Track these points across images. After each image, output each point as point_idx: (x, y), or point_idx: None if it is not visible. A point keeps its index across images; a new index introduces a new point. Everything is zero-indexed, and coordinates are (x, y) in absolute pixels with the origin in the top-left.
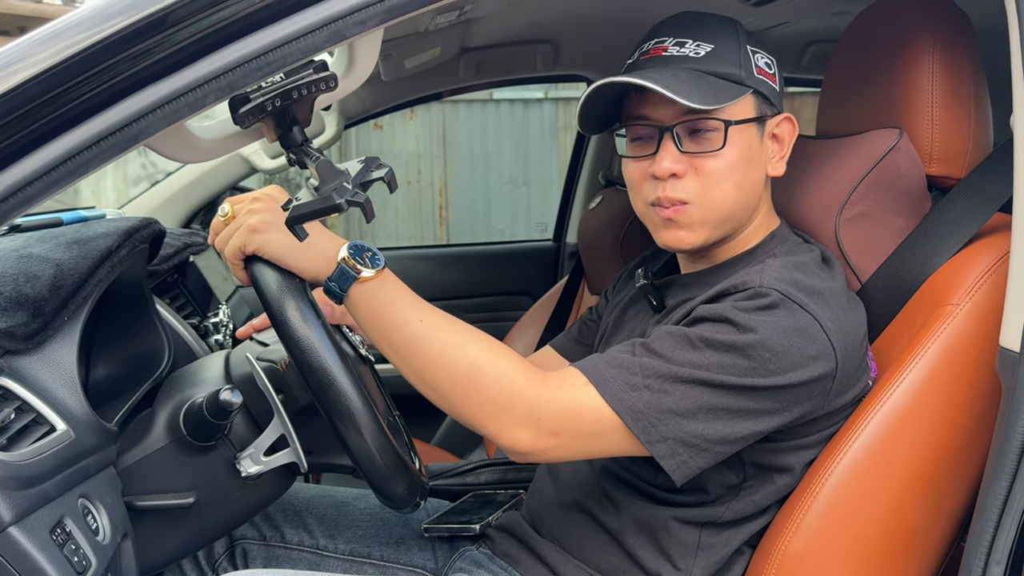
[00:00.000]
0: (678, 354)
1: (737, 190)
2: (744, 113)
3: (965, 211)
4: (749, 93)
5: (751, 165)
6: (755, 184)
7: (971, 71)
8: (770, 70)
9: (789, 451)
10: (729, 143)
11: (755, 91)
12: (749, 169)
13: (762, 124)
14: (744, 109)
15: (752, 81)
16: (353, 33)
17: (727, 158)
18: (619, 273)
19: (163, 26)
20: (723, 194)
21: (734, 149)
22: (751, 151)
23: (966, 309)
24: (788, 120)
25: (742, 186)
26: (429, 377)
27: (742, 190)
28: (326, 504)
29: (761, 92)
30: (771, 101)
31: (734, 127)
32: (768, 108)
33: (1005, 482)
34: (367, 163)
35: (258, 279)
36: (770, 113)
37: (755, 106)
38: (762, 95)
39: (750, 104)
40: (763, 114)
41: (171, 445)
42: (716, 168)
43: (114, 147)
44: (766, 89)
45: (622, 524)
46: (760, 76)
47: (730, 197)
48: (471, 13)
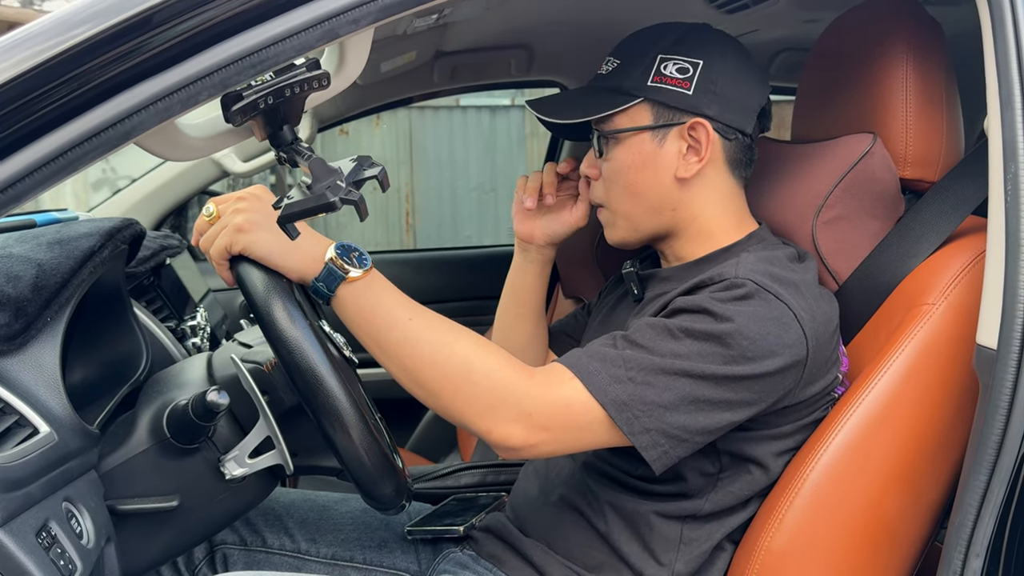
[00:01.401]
0: (659, 345)
1: (629, 193)
2: (633, 121)
3: (939, 213)
4: (639, 102)
5: (645, 170)
6: (653, 187)
7: (943, 77)
8: (684, 75)
9: (761, 440)
10: (613, 150)
11: (647, 99)
12: (643, 173)
13: (663, 129)
14: (634, 117)
15: (642, 91)
16: (346, 32)
17: (614, 163)
18: (614, 276)
19: (156, 22)
20: (616, 195)
21: (620, 155)
22: (643, 156)
23: (942, 308)
24: (701, 124)
25: (635, 190)
26: (419, 376)
27: (635, 193)
28: (307, 508)
29: (657, 100)
30: (676, 107)
31: (618, 135)
32: (674, 114)
33: (984, 476)
34: (359, 162)
35: (244, 279)
36: (677, 119)
37: (650, 113)
38: (660, 103)
39: (643, 112)
40: (663, 121)
41: (154, 448)
42: (608, 172)
43: (105, 144)
44: (665, 96)
45: (606, 520)
46: (657, 84)
47: (624, 199)
48: (449, 17)
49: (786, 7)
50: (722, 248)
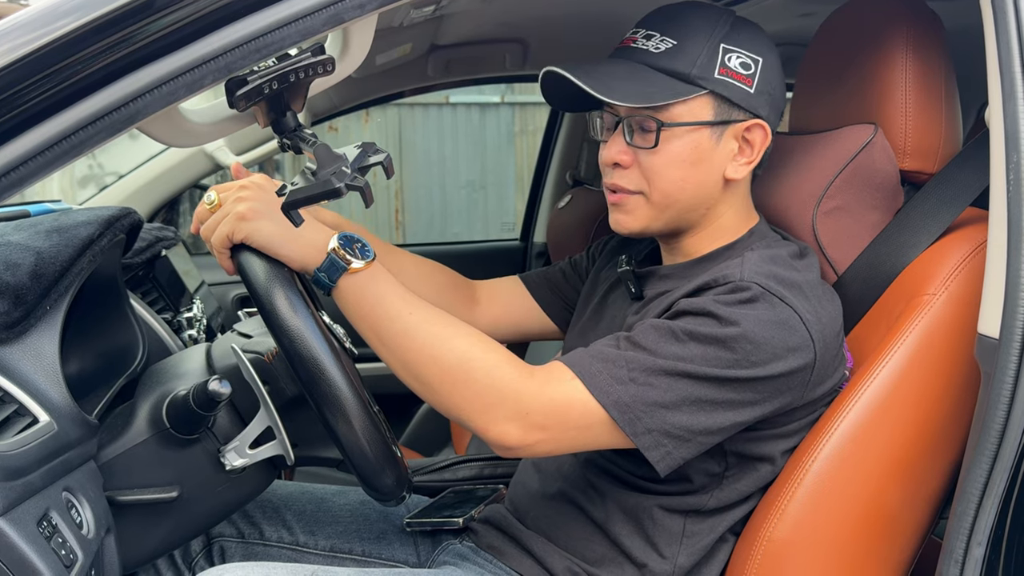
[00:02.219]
0: (662, 347)
1: (677, 188)
2: (693, 114)
3: (939, 204)
4: (703, 94)
5: (698, 166)
6: (703, 184)
7: (942, 69)
8: (747, 71)
9: (769, 440)
10: (666, 142)
11: (713, 92)
12: (695, 170)
13: (722, 126)
14: (695, 110)
15: (709, 82)
16: (351, 16)
17: (664, 156)
18: (606, 239)
19: (160, 5)
20: (661, 189)
21: (674, 148)
22: (699, 152)
23: (942, 299)
24: (760, 127)
25: (683, 186)
26: (417, 370)
27: (684, 189)
28: (305, 500)
29: (722, 95)
30: (738, 104)
31: (674, 128)
32: (734, 111)
33: (985, 466)
34: (364, 148)
35: (245, 268)
36: (737, 116)
37: (712, 108)
38: (723, 97)
39: (705, 105)
40: (723, 117)
41: (153, 439)
42: (653, 164)
43: (110, 127)
44: (730, 91)
45: (608, 513)
46: (723, 77)
47: (669, 193)
48: (446, 8)
49: (783, 1)
50: (725, 245)
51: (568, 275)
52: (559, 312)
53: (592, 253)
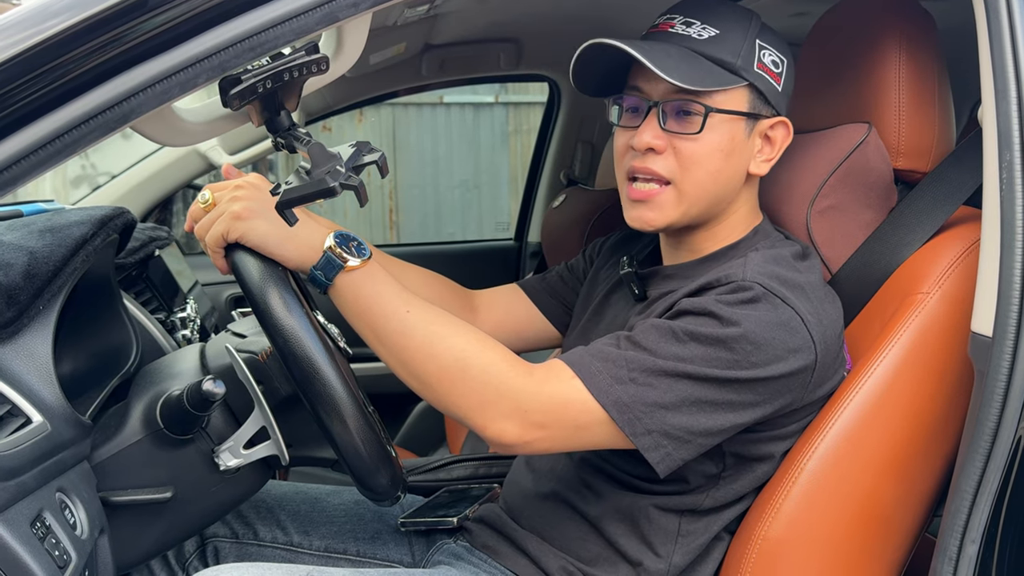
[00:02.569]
0: (663, 347)
1: (711, 179)
2: (733, 104)
3: (933, 203)
4: (743, 85)
5: (731, 158)
6: (732, 177)
7: (935, 68)
8: (776, 69)
9: (768, 441)
10: (708, 129)
11: (751, 85)
12: (728, 161)
13: (753, 120)
14: (734, 100)
15: (750, 74)
16: (346, 15)
17: (705, 144)
18: (603, 240)
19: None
20: (696, 178)
21: (714, 137)
22: (733, 144)
23: (936, 297)
24: (784, 124)
25: (717, 177)
26: (415, 368)
27: (717, 180)
28: (299, 501)
29: (758, 88)
30: (768, 100)
31: (716, 115)
32: (764, 107)
33: (979, 463)
34: (359, 147)
35: (239, 267)
36: (766, 112)
37: (748, 100)
38: (759, 91)
39: (742, 97)
40: (756, 111)
41: (147, 439)
42: (692, 151)
43: (104, 126)
44: (764, 86)
45: (603, 513)
46: (760, 71)
47: (703, 183)
48: (440, 8)
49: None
50: (730, 245)
51: (566, 279)
52: (560, 316)
53: (588, 255)
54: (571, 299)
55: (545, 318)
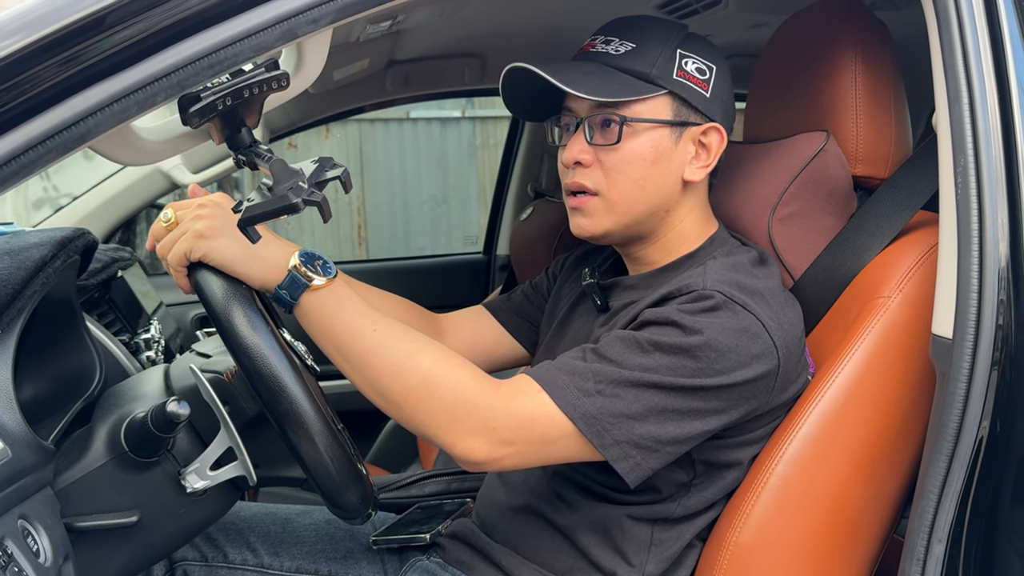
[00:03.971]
0: (628, 358)
1: (637, 186)
2: (654, 113)
3: (891, 208)
4: (662, 94)
5: (657, 165)
6: (663, 185)
7: (891, 76)
8: (703, 76)
9: (736, 447)
10: (627, 138)
11: (671, 93)
12: (654, 168)
13: (680, 127)
14: (655, 109)
15: (668, 82)
16: (305, 32)
17: (625, 153)
18: (565, 256)
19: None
20: (621, 187)
21: (634, 145)
22: (658, 152)
23: (897, 300)
24: (716, 130)
25: (644, 184)
26: (382, 386)
27: (644, 188)
28: (269, 522)
29: (680, 95)
30: (695, 107)
31: (635, 124)
32: (692, 114)
33: (943, 464)
34: (321, 163)
35: (202, 286)
36: (694, 119)
37: (671, 108)
38: (682, 99)
39: (664, 105)
40: (682, 118)
41: (112, 462)
42: (615, 161)
43: (61, 146)
44: (687, 93)
45: (575, 524)
46: (681, 79)
47: (629, 191)
48: (402, 24)
49: (734, 11)
50: (688, 254)
51: (531, 297)
52: (527, 335)
53: (552, 272)
54: (537, 317)
55: (512, 338)
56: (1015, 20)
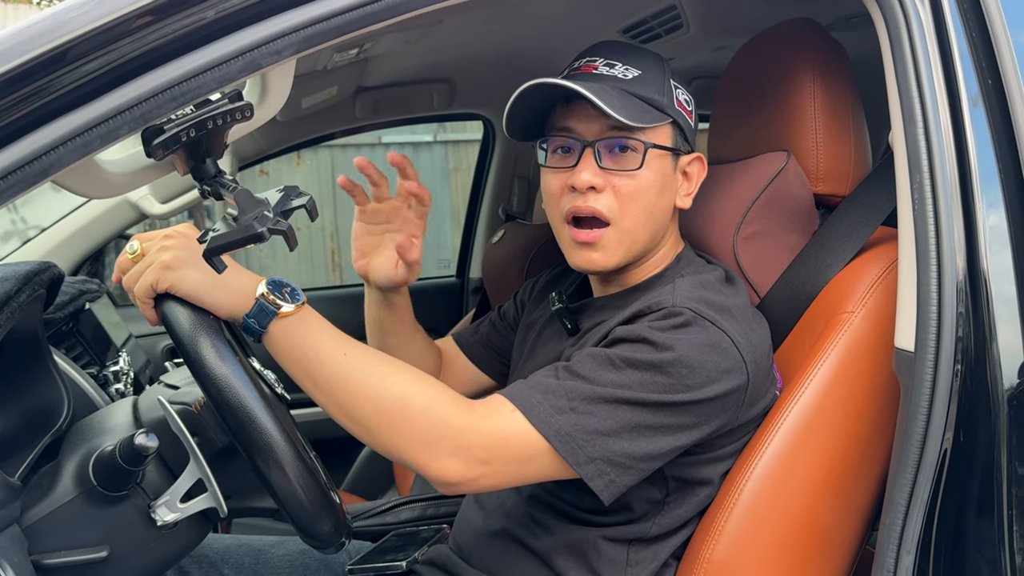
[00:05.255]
0: (600, 375)
1: (648, 214)
2: (662, 140)
3: (853, 225)
4: (669, 122)
5: (663, 193)
6: (665, 212)
7: (849, 96)
8: (688, 107)
9: (707, 463)
10: (646, 166)
11: (674, 122)
12: (661, 196)
13: (677, 156)
14: (663, 136)
15: (672, 111)
16: (268, 63)
17: (642, 179)
18: (533, 281)
19: (73, 56)
20: (634, 215)
21: (650, 173)
22: (664, 179)
23: (861, 315)
24: (699, 160)
25: (653, 212)
26: (354, 411)
27: (652, 216)
28: (242, 553)
29: (679, 124)
30: (687, 136)
31: (653, 150)
32: (684, 143)
33: (910, 475)
34: (286, 192)
35: (169, 317)
36: (685, 148)
37: (672, 137)
38: (679, 128)
39: (668, 134)
40: (679, 147)
41: (80, 497)
42: (632, 188)
43: (23, 181)
44: (683, 123)
45: (552, 547)
46: (680, 109)
47: (640, 219)
48: (369, 51)
49: (696, 35)
50: (656, 274)
51: (499, 327)
52: (494, 367)
53: (520, 300)
54: (504, 347)
55: (478, 369)
56: (964, 41)
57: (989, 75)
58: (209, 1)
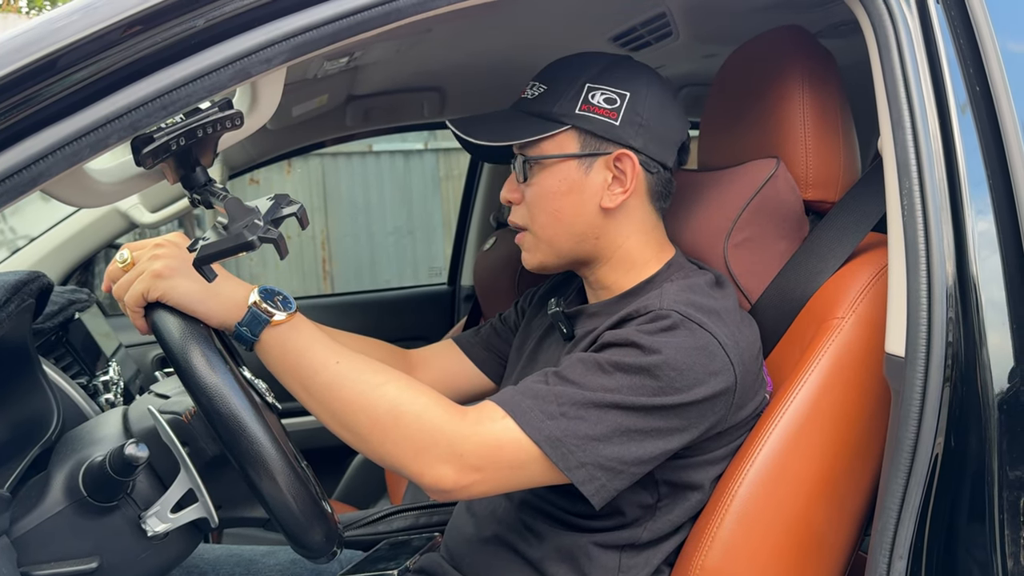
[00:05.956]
0: (590, 380)
1: (554, 218)
2: (560, 148)
3: (842, 231)
4: (566, 129)
5: (568, 196)
6: (578, 215)
7: (838, 102)
8: (611, 106)
9: (698, 467)
10: (536, 175)
11: (575, 127)
12: (566, 200)
13: (589, 158)
14: (560, 144)
15: (570, 118)
16: (258, 71)
17: (537, 188)
18: (535, 290)
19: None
20: (540, 221)
21: (544, 181)
22: (568, 183)
23: (851, 321)
24: (627, 156)
25: (559, 216)
26: (347, 419)
27: (561, 219)
28: (233, 564)
29: (584, 128)
30: (604, 136)
31: (543, 160)
32: (599, 144)
33: (901, 480)
34: (277, 200)
35: (159, 326)
36: (604, 149)
37: (577, 141)
38: (587, 131)
39: (570, 139)
40: (590, 150)
41: (70, 508)
42: (531, 197)
43: (12, 191)
44: (592, 125)
45: (544, 554)
46: (585, 112)
47: (548, 224)
48: (360, 60)
49: (686, 43)
50: (645, 280)
51: (500, 331)
52: (495, 369)
53: (521, 307)
54: (505, 350)
55: (480, 371)
56: (952, 47)
57: (977, 81)
58: (199, 10)
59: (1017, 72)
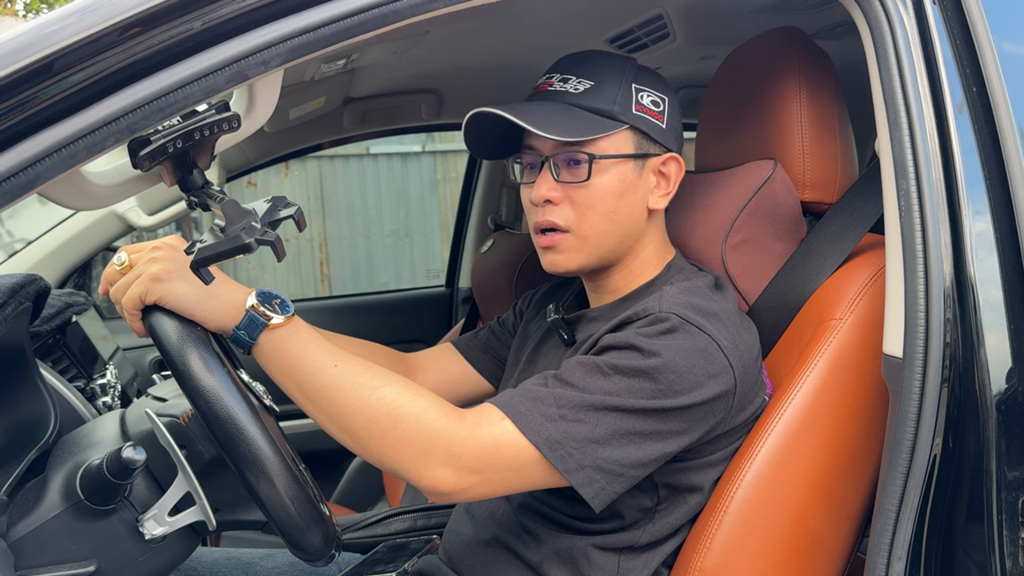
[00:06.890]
0: (589, 382)
1: (607, 219)
2: (618, 148)
3: (840, 232)
4: (624, 129)
5: (624, 197)
6: (629, 216)
7: (835, 104)
8: (657, 108)
9: (698, 470)
10: (596, 175)
11: (633, 127)
12: (622, 201)
13: (642, 159)
14: (618, 144)
15: (628, 117)
16: (255, 74)
17: (595, 189)
18: (532, 292)
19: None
20: (592, 221)
21: (603, 181)
22: (624, 184)
23: (849, 322)
24: (674, 159)
25: (613, 217)
26: (345, 422)
27: (614, 220)
28: (231, 567)
29: (640, 129)
30: (654, 138)
31: (602, 160)
32: (651, 145)
33: (899, 481)
34: (274, 202)
35: (157, 329)
36: (654, 150)
37: (633, 142)
38: (642, 132)
39: (627, 139)
40: (643, 151)
41: (67, 511)
42: (585, 197)
43: (8, 194)
44: (647, 126)
45: (542, 556)
46: (640, 113)
47: (600, 225)
48: (357, 62)
49: (682, 45)
50: (646, 283)
51: (498, 334)
52: (493, 372)
53: (519, 309)
54: (503, 353)
55: (479, 374)
56: (948, 48)
57: (973, 82)
58: (196, 12)
59: (1014, 72)
